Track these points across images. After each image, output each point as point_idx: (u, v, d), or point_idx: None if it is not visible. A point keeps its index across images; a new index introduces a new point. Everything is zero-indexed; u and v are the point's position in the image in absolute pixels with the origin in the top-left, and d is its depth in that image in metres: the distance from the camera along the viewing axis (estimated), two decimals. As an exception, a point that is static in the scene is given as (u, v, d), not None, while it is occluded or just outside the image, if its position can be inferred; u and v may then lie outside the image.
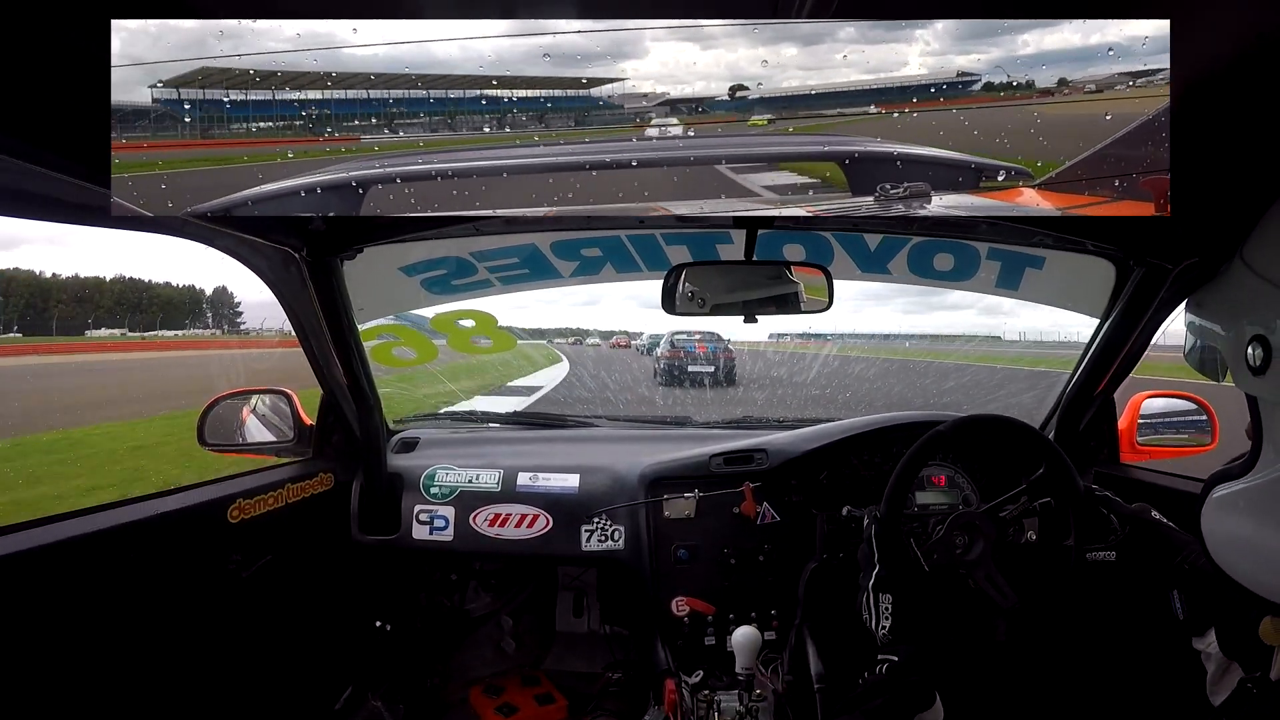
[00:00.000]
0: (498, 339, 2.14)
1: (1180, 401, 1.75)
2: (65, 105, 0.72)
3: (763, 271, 1.43)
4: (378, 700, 1.84)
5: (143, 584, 1.15)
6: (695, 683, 1.47)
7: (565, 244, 1.85)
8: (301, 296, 1.42)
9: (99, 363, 20.38)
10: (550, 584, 2.18)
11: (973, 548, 1.26)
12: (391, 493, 1.74)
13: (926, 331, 13.75)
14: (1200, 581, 1.02)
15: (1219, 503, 0.77)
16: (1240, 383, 0.71)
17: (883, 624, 1.13)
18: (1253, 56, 0.65)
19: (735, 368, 12.22)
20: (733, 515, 1.61)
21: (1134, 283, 1.43)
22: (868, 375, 14.10)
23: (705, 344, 11.63)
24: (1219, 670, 0.94)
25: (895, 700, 0.97)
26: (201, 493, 1.32)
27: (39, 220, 0.95)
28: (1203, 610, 1.01)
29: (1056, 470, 1.27)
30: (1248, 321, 0.69)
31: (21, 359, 20.64)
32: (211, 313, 49.70)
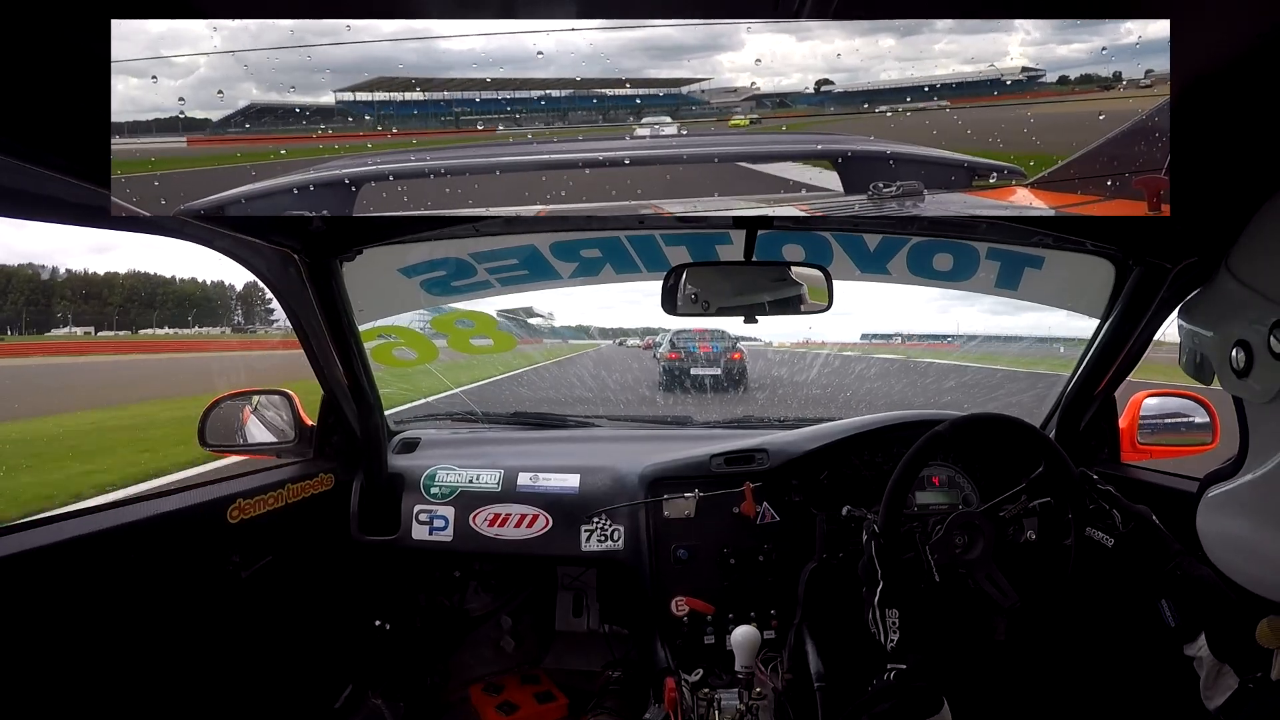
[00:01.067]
0: (498, 339, 2.15)
1: (1181, 401, 1.75)
2: (65, 105, 0.72)
3: (763, 272, 1.43)
4: (377, 699, 1.84)
5: (143, 584, 1.15)
6: (695, 681, 1.47)
7: (564, 245, 1.85)
8: (301, 297, 1.43)
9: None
10: (550, 584, 2.18)
11: (972, 547, 1.26)
12: (391, 493, 1.74)
13: (1016, 333, 12.17)
14: (1191, 589, 1.03)
15: (1211, 503, 0.79)
16: (1226, 385, 0.74)
17: (890, 637, 1.13)
18: (1253, 56, 0.66)
19: (747, 371, 10.93)
20: (733, 515, 1.61)
21: (1134, 282, 1.43)
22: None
23: (709, 344, 10.65)
24: (1211, 674, 0.95)
25: (902, 705, 0.97)
26: (201, 493, 1.32)
27: (39, 220, 0.95)
28: (1193, 618, 1.02)
29: (1056, 468, 1.27)
30: (1232, 326, 0.72)
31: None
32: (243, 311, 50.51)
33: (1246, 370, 0.69)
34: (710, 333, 10.49)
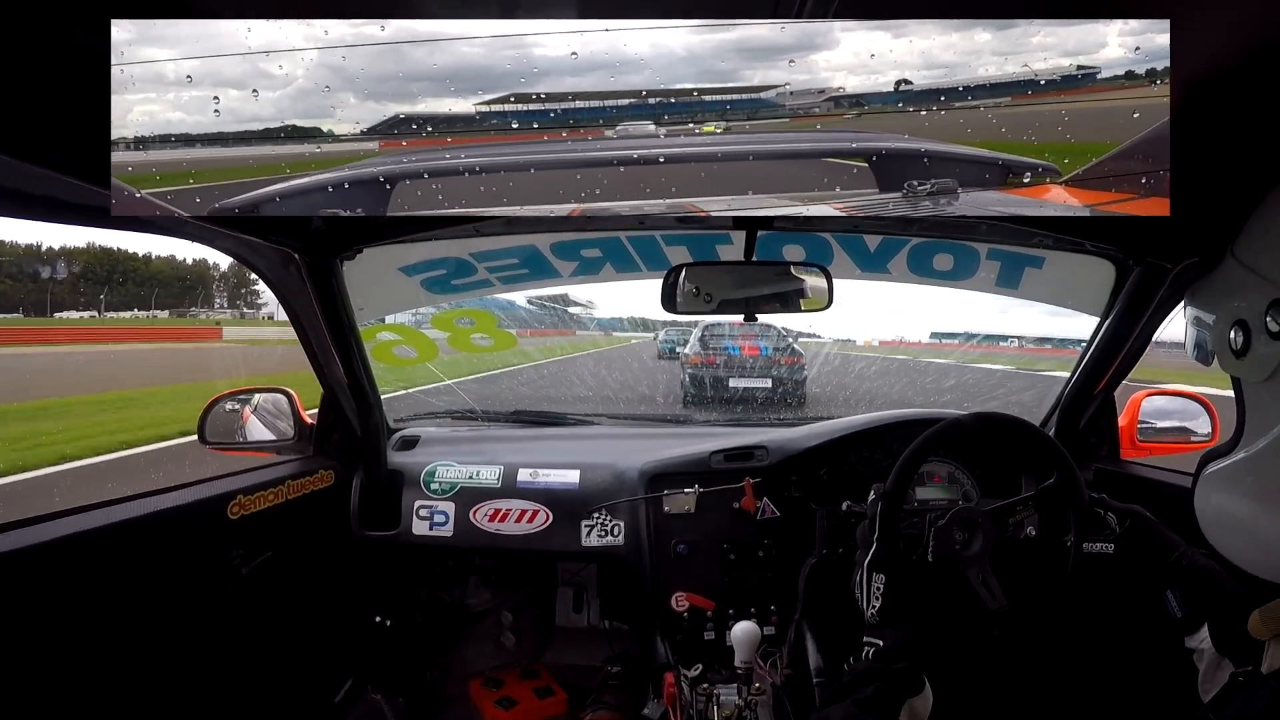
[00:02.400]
0: (497, 338, 2.15)
1: (1180, 400, 1.76)
2: (65, 105, 0.72)
3: (763, 271, 1.43)
4: (377, 693, 1.86)
5: (143, 580, 1.15)
6: (695, 676, 1.48)
7: (565, 244, 1.85)
8: (301, 296, 1.43)
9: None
10: (550, 579, 2.19)
11: (971, 543, 1.27)
12: (391, 489, 1.75)
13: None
14: (1197, 579, 1.04)
15: (1208, 480, 0.81)
16: (1225, 365, 0.76)
17: (872, 604, 1.12)
18: (1253, 56, 0.65)
19: (805, 384, 7.67)
20: (733, 511, 1.62)
21: (1133, 282, 1.43)
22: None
23: (755, 344, 7.56)
24: (1210, 667, 0.95)
25: (885, 687, 0.97)
26: (202, 489, 1.33)
27: (39, 220, 0.95)
28: (1198, 608, 1.03)
29: (1068, 485, 1.26)
30: (1231, 308, 0.74)
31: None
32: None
33: (1244, 350, 0.72)
34: (757, 329, 7.60)
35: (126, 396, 9.94)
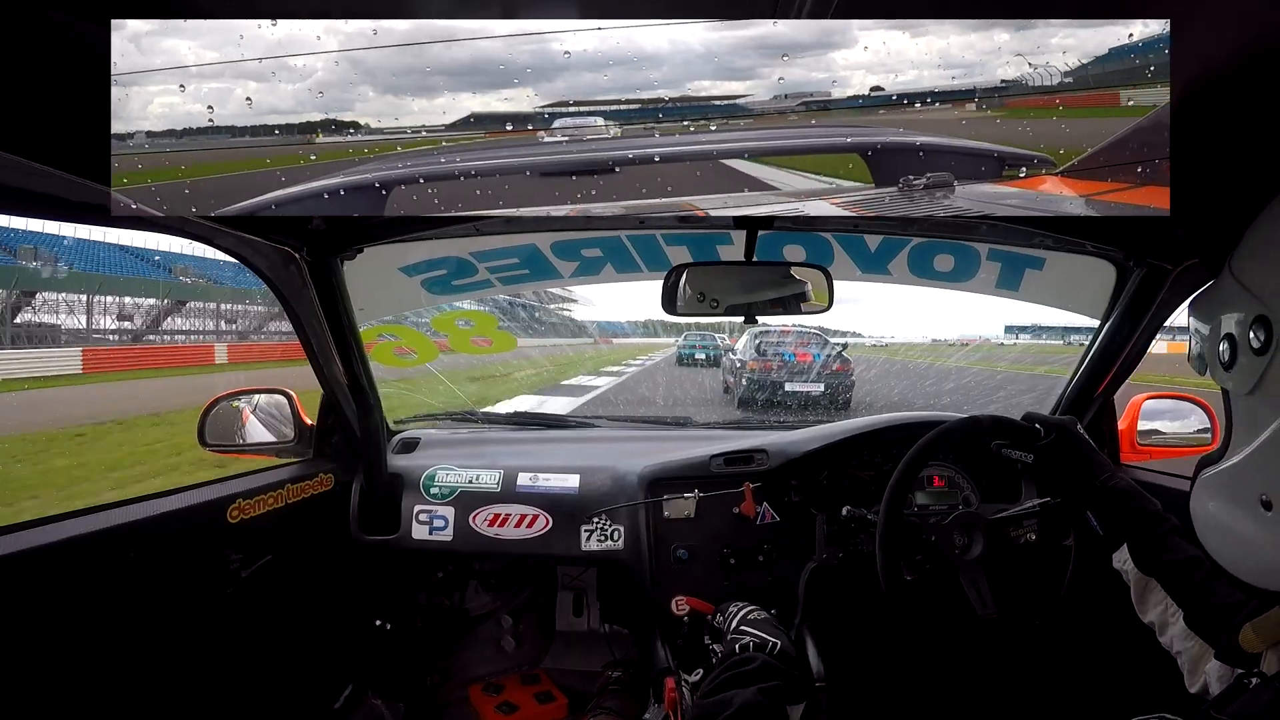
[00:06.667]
0: (498, 339, 2.15)
1: (1180, 403, 1.75)
2: (65, 105, 0.72)
3: (764, 272, 1.43)
4: (377, 699, 1.84)
5: (143, 584, 1.15)
6: (695, 681, 1.47)
7: (565, 244, 1.85)
8: (302, 296, 1.42)
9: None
10: (550, 584, 2.18)
11: (971, 548, 1.26)
12: (391, 493, 1.74)
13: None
14: (1114, 500, 1.11)
15: (1201, 486, 0.83)
16: (1214, 376, 0.78)
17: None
18: (1253, 56, 0.65)
19: (853, 389, 8.25)
20: (732, 515, 1.61)
21: (1134, 284, 1.43)
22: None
23: (808, 350, 8.04)
24: (1192, 665, 0.98)
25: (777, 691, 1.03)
26: (201, 493, 1.32)
27: (39, 219, 0.95)
28: (1116, 528, 1.11)
29: (1075, 504, 1.26)
30: (1222, 320, 0.76)
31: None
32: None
33: (1231, 363, 0.74)
34: (807, 335, 8.06)
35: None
